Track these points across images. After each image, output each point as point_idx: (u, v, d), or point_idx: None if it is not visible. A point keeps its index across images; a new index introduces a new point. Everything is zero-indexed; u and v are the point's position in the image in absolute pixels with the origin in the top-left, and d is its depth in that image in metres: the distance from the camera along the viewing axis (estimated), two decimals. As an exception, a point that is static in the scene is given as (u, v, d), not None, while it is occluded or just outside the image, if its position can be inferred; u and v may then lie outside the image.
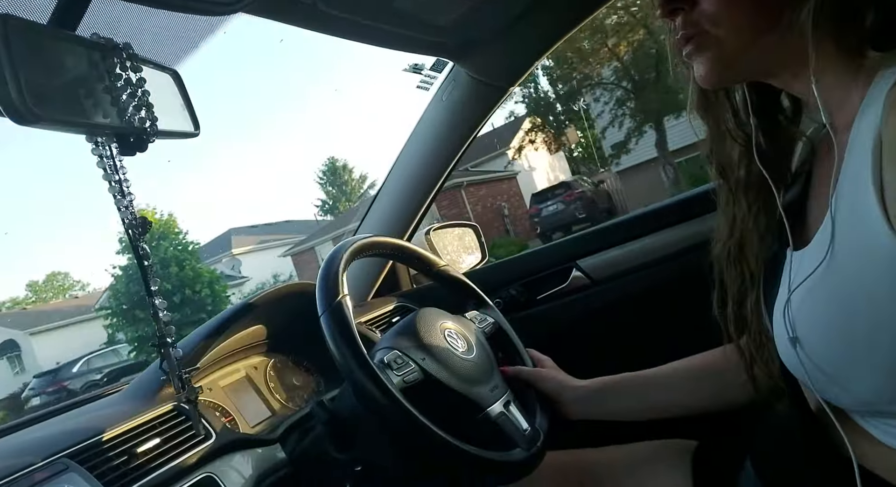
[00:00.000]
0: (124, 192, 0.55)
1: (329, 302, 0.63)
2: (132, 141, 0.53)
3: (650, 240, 1.11)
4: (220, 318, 0.83)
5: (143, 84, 0.53)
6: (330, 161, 31.75)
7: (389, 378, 0.60)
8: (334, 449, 0.67)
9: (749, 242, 0.54)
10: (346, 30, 0.86)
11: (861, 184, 0.39)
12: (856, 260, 0.39)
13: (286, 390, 0.91)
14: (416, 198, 1.20)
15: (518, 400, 0.74)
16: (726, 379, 0.67)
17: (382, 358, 0.64)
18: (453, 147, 1.15)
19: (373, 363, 0.60)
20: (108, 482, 0.56)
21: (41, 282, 34.14)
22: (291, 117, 55.11)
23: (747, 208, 0.54)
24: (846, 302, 0.40)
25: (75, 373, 14.50)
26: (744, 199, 0.54)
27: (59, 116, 0.45)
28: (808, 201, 0.51)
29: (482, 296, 0.88)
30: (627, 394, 0.75)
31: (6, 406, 15.44)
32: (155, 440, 0.63)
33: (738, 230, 0.55)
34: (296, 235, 24.68)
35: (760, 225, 0.53)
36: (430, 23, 0.91)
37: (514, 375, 0.79)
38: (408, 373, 0.63)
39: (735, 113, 0.53)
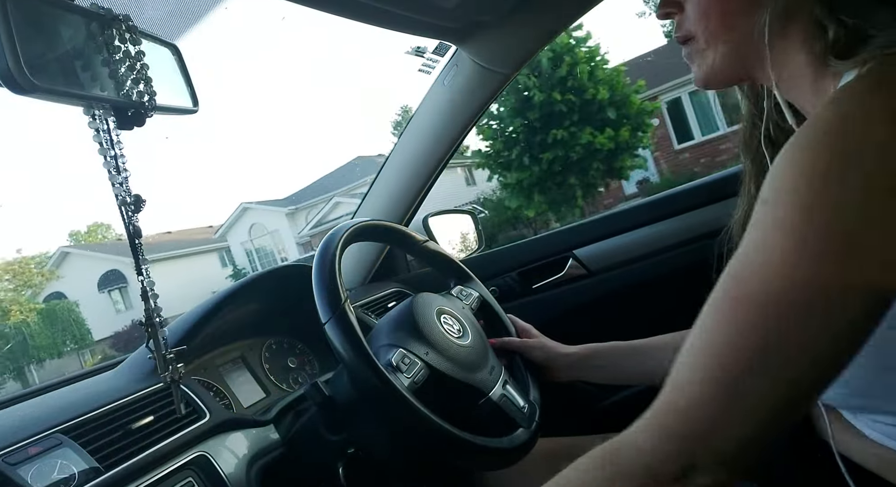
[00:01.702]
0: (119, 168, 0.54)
1: (332, 309, 0.63)
2: (130, 115, 0.52)
3: (647, 231, 1.12)
4: (215, 299, 0.83)
5: (143, 57, 0.52)
6: (403, 109, 30.80)
7: (401, 382, 0.61)
8: (328, 431, 0.68)
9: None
10: (348, 9, 0.85)
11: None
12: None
13: (281, 371, 0.91)
14: (414, 184, 1.19)
15: (508, 371, 0.76)
16: None
17: (390, 361, 0.64)
18: (454, 132, 1.14)
19: (381, 366, 0.60)
20: (101, 457, 0.56)
21: (84, 232, 33.12)
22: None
23: (755, 191, 0.55)
24: None
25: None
26: (753, 184, 0.56)
27: (55, 87, 0.43)
28: None
29: (463, 269, 0.89)
30: (615, 358, 0.78)
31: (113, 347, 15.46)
32: (149, 417, 0.63)
33: (745, 212, 0.56)
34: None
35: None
36: (434, 5, 0.89)
37: (502, 346, 0.81)
38: (416, 373, 0.63)
39: (758, 99, 0.55)
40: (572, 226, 1.24)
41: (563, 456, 0.79)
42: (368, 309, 1.02)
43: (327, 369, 0.93)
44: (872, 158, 0.32)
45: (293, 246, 20.51)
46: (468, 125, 1.15)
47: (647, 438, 0.37)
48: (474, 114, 1.13)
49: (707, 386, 0.35)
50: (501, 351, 0.80)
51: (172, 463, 0.60)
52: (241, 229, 21.69)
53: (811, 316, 0.33)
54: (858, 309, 0.33)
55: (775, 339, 0.34)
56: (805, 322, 0.33)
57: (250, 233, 21.50)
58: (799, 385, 0.34)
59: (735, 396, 0.34)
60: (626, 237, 1.13)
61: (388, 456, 0.68)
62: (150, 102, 0.52)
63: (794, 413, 0.35)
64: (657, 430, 0.36)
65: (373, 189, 1.24)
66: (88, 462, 0.55)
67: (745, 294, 0.35)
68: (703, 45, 0.48)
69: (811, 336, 0.33)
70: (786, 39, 0.44)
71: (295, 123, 52.31)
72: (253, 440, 0.70)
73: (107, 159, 0.53)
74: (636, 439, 0.37)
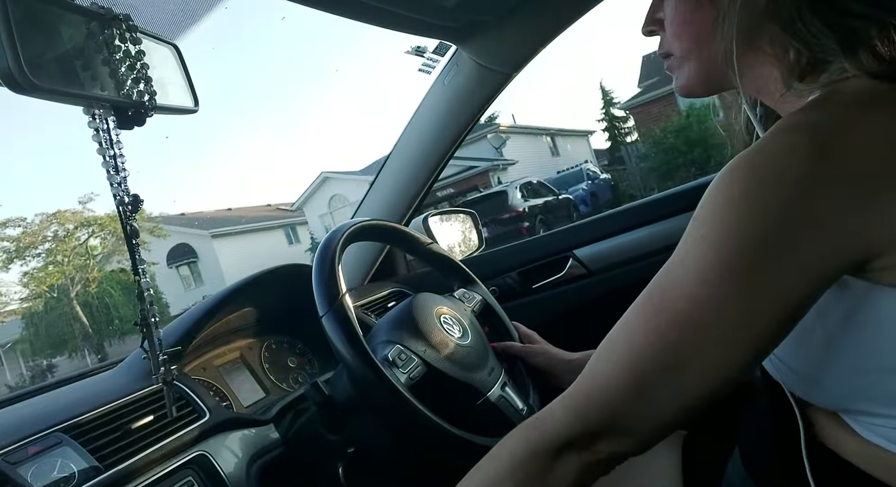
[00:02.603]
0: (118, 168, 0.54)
1: (330, 302, 0.63)
2: (130, 114, 0.52)
3: (647, 230, 1.12)
4: (214, 299, 0.83)
5: (143, 57, 0.52)
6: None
7: (397, 377, 0.61)
8: (328, 431, 0.68)
9: None
10: (349, 9, 0.85)
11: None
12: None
13: (280, 371, 0.91)
14: (414, 184, 1.19)
15: (509, 374, 0.75)
16: None
17: (387, 356, 0.64)
18: (454, 132, 1.14)
19: (378, 362, 0.60)
20: (101, 456, 0.56)
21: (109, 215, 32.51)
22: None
23: None
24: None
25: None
26: None
27: (56, 86, 0.44)
28: None
29: (467, 272, 0.89)
30: None
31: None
32: (149, 416, 0.63)
33: None
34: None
35: None
36: (434, 5, 0.89)
37: (504, 350, 0.80)
38: (412, 369, 0.63)
39: (754, 104, 0.55)
40: (572, 225, 1.24)
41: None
42: (368, 310, 1.02)
43: (327, 369, 0.93)
44: (786, 192, 0.35)
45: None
46: (468, 125, 1.15)
47: (562, 414, 0.44)
48: (474, 114, 1.13)
49: (618, 380, 0.40)
50: (503, 356, 0.80)
51: (172, 463, 0.60)
52: (319, 200, 20.27)
53: (717, 328, 0.37)
54: (759, 328, 0.37)
55: (683, 347, 0.38)
56: (710, 333, 0.37)
57: (330, 205, 19.98)
58: (697, 389, 0.39)
59: (640, 392, 0.40)
60: (626, 237, 1.13)
61: (388, 456, 0.68)
62: (150, 102, 0.52)
63: (693, 409, 0.40)
64: (571, 410, 0.43)
65: (373, 188, 1.24)
66: (88, 462, 0.55)
67: (664, 301, 0.39)
68: (678, 62, 0.52)
69: (714, 347, 0.37)
70: (757, 56, 0.46)
71: (367, 93, 50.91)
72: (253, 439, 0.70)
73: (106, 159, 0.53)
74: (554, 412, 0.45)
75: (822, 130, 0.36)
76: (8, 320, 19.15)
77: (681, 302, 0.38)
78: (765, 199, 0.35)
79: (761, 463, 0.57)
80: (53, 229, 17.48)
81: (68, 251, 17.49)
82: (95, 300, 17.12)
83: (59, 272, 17.33)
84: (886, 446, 0.42)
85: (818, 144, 0.35)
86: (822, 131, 0.36)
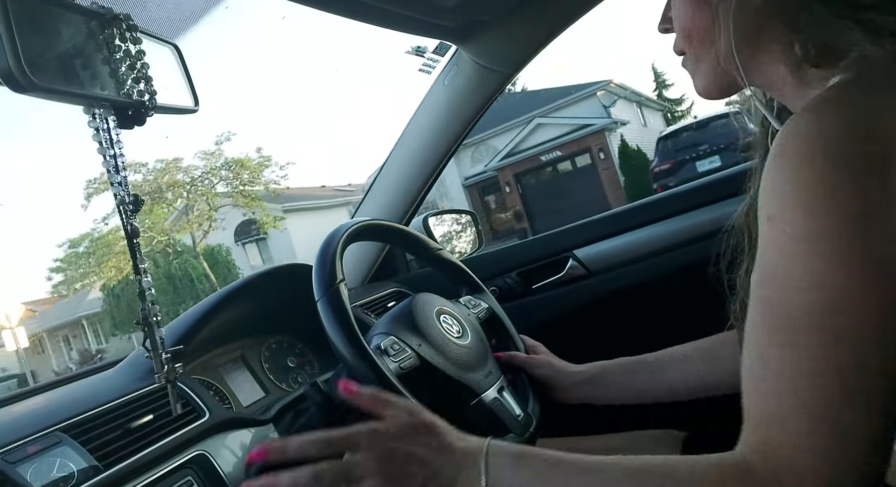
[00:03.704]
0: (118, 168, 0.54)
1: (326, 287, 0.63)
2: (130, 114, 0.52)
3: (647, 231, 1.12)
4: (215, 298, 0.83)
5: (143, 56, 0.52)
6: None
7: (386, 364, 0.61)
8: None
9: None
10: (349, 8, 0.85)
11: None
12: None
13: (280, 371, 0.91)
14: (415, 183, 1.19)
15: (511, 385, 0.74)
16: (720, 368, 0.67)
17: (379, 345, 0.64)
18: (454, 132, 1.14)
19: (370, 349, 0.60)
20: (100, 456, 0.56)
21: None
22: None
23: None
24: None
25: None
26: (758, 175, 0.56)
27: (56, 86, 0.44)
28: None
29: (476, 281, 0.88)
30: (623, 379, 0.76)
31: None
32: (148, 416, 0.63)
33: (750, 205, 0.57)
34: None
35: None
36: (434, 5, 0.89)
37: (508, 361, 0.80)
38: (404, 360, 0.63)
39: (768, 101, 0.56)
40: (572, 226, 1.24)
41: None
42: (368, 309, 1.02)
43: (327, 369, 0.93)
44: (857, 165, 0.35)
45: (458, 189, 17.39)
46: (468, 125, 1.15)
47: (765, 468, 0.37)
48: (475, 114, 1.13)
49: (808, 421, 0.36)
50: (507, 367, 0.79)
51: (172, 462, 0.60)
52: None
53: (881, 331, 0.34)
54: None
55: (861, 365, 0.35)
56: (878, 338, 0.35)
57: None
58: (889, 407, 0.35)
59: (839, 429, 0.35)
60: (626, 237, 1.13)
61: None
62: (150, 101, 0.52)
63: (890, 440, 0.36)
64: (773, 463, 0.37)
65: (373, 188, 1.24)
66: (88, 461, 0.55)
67: (806, 319, 0.36)
68: (692, 62, 0.51)
69: (885, 354, 0.35)
70: (763, 53, 0.46)
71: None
72: (252, 439, 0.70)
73: (106, 158, 0.53)
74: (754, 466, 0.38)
75: (863, 108, 0.37)
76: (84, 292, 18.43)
77: (837, 317, 0.35)
78: (849, 178, 0.35)
79: None
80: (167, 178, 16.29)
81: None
82: (179, 271, 15.94)
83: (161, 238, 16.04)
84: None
85: (863, 120, 0.36)
86: (863, 108, 0.37)
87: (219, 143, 18.27)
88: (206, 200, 16.73)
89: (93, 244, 17.58)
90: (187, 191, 16.65)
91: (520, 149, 15.84)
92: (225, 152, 17.05)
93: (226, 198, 16.90)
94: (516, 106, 16.16)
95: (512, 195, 16.35)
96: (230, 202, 16.71)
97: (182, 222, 16.86)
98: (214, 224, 16.65)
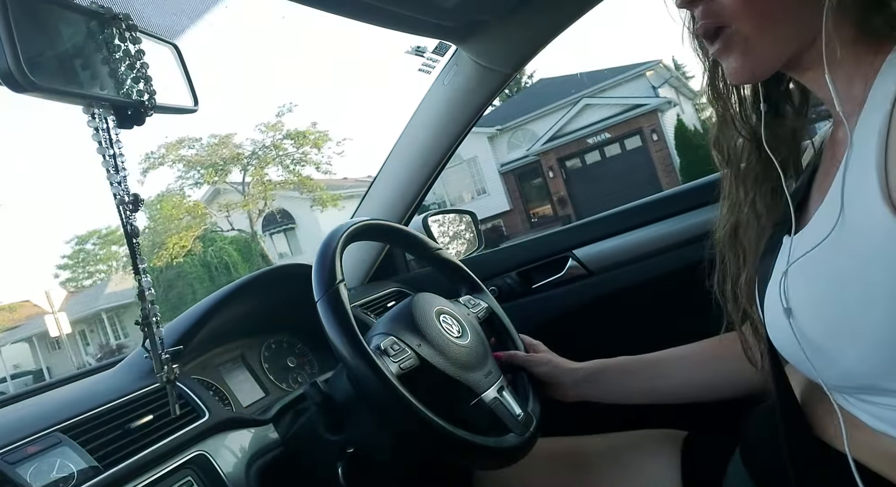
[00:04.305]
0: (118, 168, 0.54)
1: (326, 287, 0.64)
2: (130, 114, 0.52)
3: (647, 231, 1.12)
4: (214, 298, 0.83)
5: (142, 56, 0.52)
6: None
7: (386, 365, 0.61)
8: (327, 431, 0.68)
9: (748, 225, 0.56)
10: (348, 8, 0.85)
11: (865, 164, 0.41)
12: (854, 235, 0.41)
13: (280, 371, 0.91)
14: (414, 183, 1.19)
15: (511, 385, 0.74)
16: (721, 369, 0.67)
17: (379, 345, 0.64)
18: (454, 132, 1.14)
19: (370, 349, 0.60)
20: (100, 456, 0.56)
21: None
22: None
23: (745, 195, 0.55)
24: (841, 275, 0.41)
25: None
26: (745, 186, 0.56)
27: (55, 86, 0.43)
28: (810, 190, 0.52)
29: (476, 281, 0.88)
30: (623, 377, 0.76)
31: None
32: (148, 416, 0.63)
33: (738, 214, 0.56)
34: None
35: (759, 209, 0.55)
36: (433, 4, 0.89)
37: (508, 360, 0.80)
38: (404, 360, 0.63)
39: (741, 102, 0.54)
40: (572, 225, 1.24)
41: (562, 456, 0.79)
42: (367, 309, 1.02)
43: (327, 369, 0.93)
44: None
45: (494, 176, 16.66)
46: (468, 125, 1.15)
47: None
48: (474, 114, 1.13)
49: None
50: (507, 366, 0.79)
51: (171, 462, 0.60)
52: None
53: None
54: None
55: None
56: None
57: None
58: None
59: None
60: (626, 237, 1.13)
61: (388, 457, 0.68)
62: (149, 101, 0.52)
63: None
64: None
65: (373, 188, 1.24)
66: (87, 461, 0.55)
67: None
68: (749, 31, 0.44)
69: None
70: (842, 16, 0.41)
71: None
72: (252, 439, 0.70)
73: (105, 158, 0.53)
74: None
75: None
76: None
77: None
78: None
79: (761, 463, 0.57)
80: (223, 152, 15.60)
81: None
82: (215, 259, 15.58)
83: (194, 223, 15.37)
84: (894, 433, 0.42)
85: None
86: None
87: (280, 115, 17.13)
88: (263, 180, 15.78)
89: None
90: (244, 165, 15.80)
91: (564, 132, 15.06)
92: (286, 124, 16.17)
93: (283, 175, 16.00)
94: (559, 89, 15.50)
95: (556, 180, 15.69)
96: (286, 180, 15.87)
97: (217, 202, 16.12)
98: (271, 203, 15.87)
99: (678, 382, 0.73)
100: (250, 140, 16.36)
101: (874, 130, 0.40)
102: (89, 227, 20.99)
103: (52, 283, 17.78)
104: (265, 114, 18.25)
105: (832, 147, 0.49)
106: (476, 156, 16.76)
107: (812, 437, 0.50)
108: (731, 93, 0.54)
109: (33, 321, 18.15)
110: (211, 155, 15.84)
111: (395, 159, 1.21)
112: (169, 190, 16.48)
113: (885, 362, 0.40)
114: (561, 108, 15.34)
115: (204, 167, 15.66)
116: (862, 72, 0.43)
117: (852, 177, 0.42)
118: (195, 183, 16.27)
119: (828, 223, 0.43)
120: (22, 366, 18.23)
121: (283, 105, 20.57)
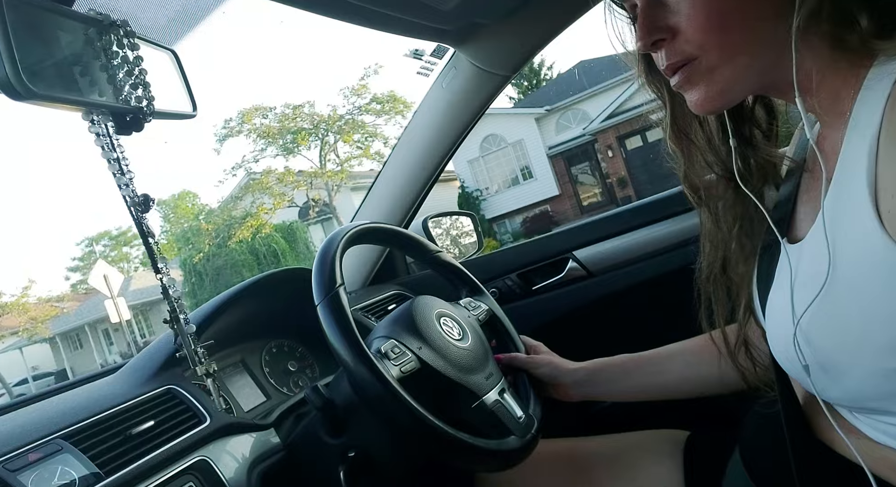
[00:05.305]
0: (123, 170, 0.54)
1: (326, 291, 0.64)
2: (128, 120, 0.52)
3: (647, 232, 1.12)
4: (215, 303, 0.83)
5: (141, 62, 0.52)
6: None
7: (387, 368, 0.61)
8: (329, 435, 0.68)
9: (737, 260, 0.55)
10: (346, 12, 0.85)
11: (855, 180, 0.39)
12: (849, 257, 0.40)
13: (281, 375, 0.91)
14: (414, 186, 1.19)
15: (512, 387, 0.74)
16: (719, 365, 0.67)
17: (380, 348, 0.64)
18: (452, 134, 1.14)
19: (370, 353, 0.60)
20: (101, 463, 0.56)
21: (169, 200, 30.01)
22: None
23: (728, 230, 0.55)
24: (841, 299, 0.40)
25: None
26: (727, 223, 0.55)
27: (54, 93, 0.44)
28: (797, 199, 0.51)
29: (476, 283, 0.88)
30: (623, 376, 0.76)
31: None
32: (149, 422, 0.63)
33: (725, 251, 0.56)
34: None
35: (744, 241, 0.54)
36: (431, 8, 0.89)
37: (509, 362, 0.80)
38: (404, 363, 0.63)
39: (709, 139, 0.53)
40: (572, 227, 1.24)
41: (563, 457, 0.79)
42: (368, 312, 1.02)
43: (328, 373, 0.93)
44: None
45: (542, 159, 15.47)
46: (467, 127, 1.15)
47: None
48: (473, 116, 1.13)
49: None
50: (508, 368, 0.79)
51: (173, 468, 0.60)
52: (468, 142, 16.56)
53: None
54: None
55: None
56: None
57: (482, 147, 15.94)
58: None
59: None
60: (625, 238, 1.13)
61: (389, 460, 0.68)
62: (148, 107, 0.52)
63: None
64: None
65: (373, 191, 1.24)
66: (89, 468, 0.55)
67: None
68: (715, 62, 0.43)
69: None
70: (813, 38, 0.41)
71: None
72: (253, 444, 0.70)
73: (110, 162, 0.53)
74: None
75: None
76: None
77: None
78: None
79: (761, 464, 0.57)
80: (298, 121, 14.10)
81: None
82: (263, 246, 14.66)
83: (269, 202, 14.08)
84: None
85: None
86: None
87: (364, 77, 15.36)
88: (334, 146, 14.46)
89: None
90: (322, 132, 14.50)
91: (622, 109, 13.78)
92: (371, 88, 14.68)
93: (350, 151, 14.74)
94: (605, 68, 14.35)
95: (615, 160, 14.52)
96: (359, 154, 14.75)
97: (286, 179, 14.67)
98: (349, 181, 14.67)
99: (676, 378, 0.73)
100: (333, 105, 15.07)
101: (863, 145, 0.39)
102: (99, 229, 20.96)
103: (64, 285, 17.56)
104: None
105: (816, 160, 0.47)
106: (522, 138, 15.61)
107: (815, 441, 0.49)
108: (699, 132, 0.52)
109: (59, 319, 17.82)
110: (283, 123, 14.39)
111: (394, 162, 1.21)
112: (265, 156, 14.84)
113: (892, 389, 0.39)
114: (617, 86, 14.06)
115: (273, 136, 14.30)
116: (849, 84, 0.42)
117: (842, 196, 0.41)
118: (279, 153, 14.77)
119: (822, 243, 0.41)
120: (41, 368, 18.04)
121: (369, 66, 18.56)
